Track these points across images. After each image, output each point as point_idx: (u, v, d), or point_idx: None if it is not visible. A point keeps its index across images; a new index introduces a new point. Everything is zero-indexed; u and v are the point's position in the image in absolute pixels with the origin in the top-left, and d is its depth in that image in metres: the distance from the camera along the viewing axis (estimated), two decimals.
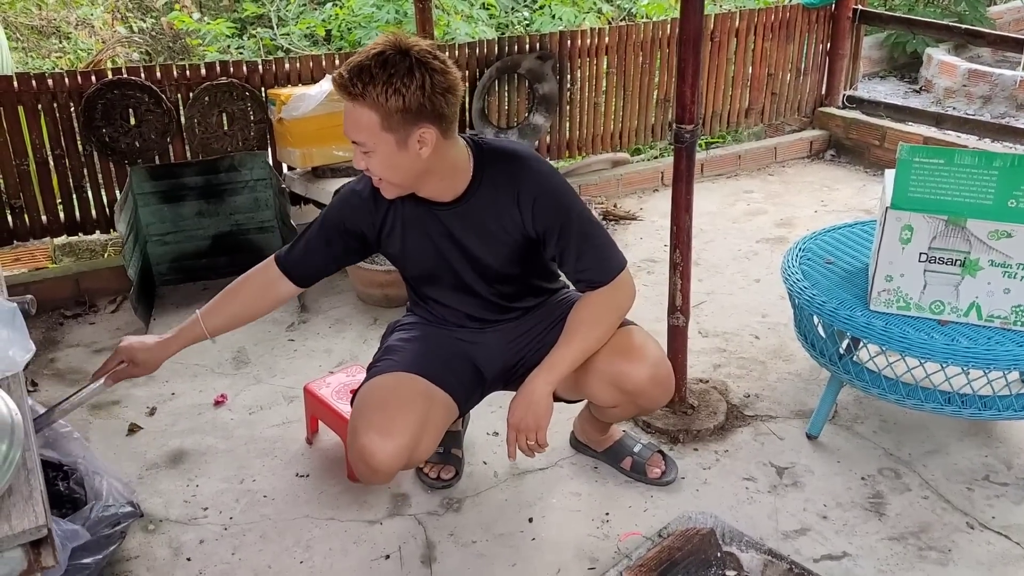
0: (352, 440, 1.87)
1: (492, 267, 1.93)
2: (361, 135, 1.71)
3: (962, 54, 6.30)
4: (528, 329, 2.05)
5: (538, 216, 1.85)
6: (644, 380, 1.94)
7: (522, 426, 1.87)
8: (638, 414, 2.13)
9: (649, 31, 4.40)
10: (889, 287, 2.16)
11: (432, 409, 1.91)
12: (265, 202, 3.46)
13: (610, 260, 1.89)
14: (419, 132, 1.70)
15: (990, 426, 2.48)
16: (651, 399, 2.00)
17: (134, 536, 2.12)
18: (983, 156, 2.05)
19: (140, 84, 3.33)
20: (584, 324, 1.89)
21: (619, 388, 1.95)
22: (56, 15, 6.99)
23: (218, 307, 1.95)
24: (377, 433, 1.82)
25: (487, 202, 1.85)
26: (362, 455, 1.83)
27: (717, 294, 3.36)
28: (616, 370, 1.93)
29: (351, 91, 1.67)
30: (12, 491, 1.26)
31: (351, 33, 6.24)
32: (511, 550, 2.07)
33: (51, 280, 3.30)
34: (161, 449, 2.47)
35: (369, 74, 1.65)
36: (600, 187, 4.34)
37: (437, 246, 1.91)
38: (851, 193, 4.40)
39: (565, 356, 1.88)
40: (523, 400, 1.88)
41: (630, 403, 2.00)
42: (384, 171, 1.76)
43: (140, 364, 1.89)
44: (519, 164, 1.85)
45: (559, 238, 1.86)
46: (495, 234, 1.88)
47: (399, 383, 1.92)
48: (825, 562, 2.01)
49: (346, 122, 1.73)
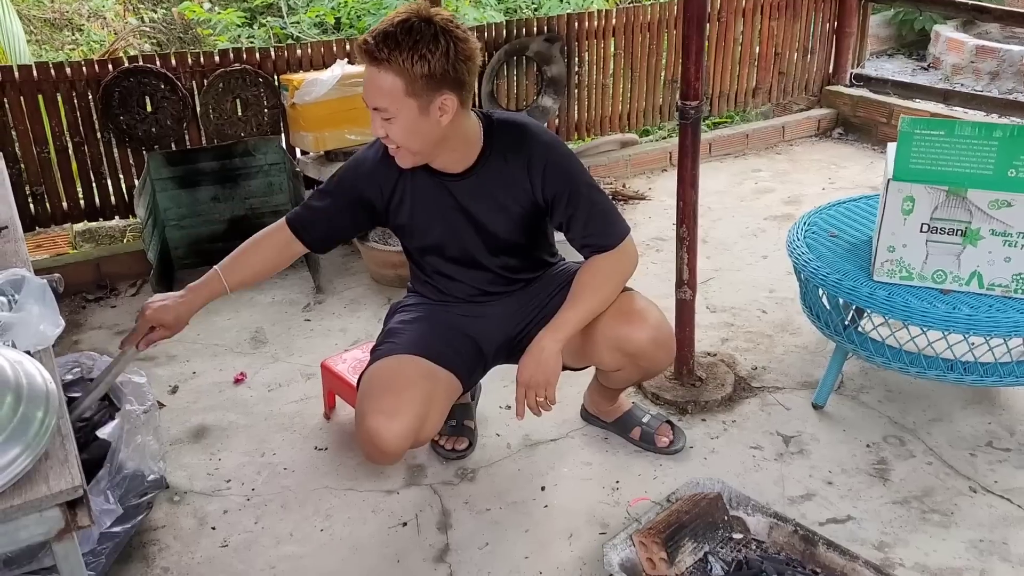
0: (359, 423, 1.91)
1: (499, 237, 1.99)
2: (384, 100, 1.74)
3: (970, 31, 6.29)
4: (529, 300, 2.11)
5: (548, 183, 1.90)
6: (646, 342, 2.00)
7: (532, 383, 1.91)
8: (642, 377, 2.17)
9: (656, 12, 4.43)
10: (892, 257, 2.21)
11: (435, 388, 1.96)
12: (279, 186, 3.53)
13: (615, 225, 1.95)
14: (441, 99, 1.75)
15: (993, 394, 2.53)
16: (653, 361, 2.05)
17: (160, 507, 2.20)
18: (983, 127, 2.09)
19: (156, 72, 3.40)
20: (590, 286, 1.94)
21: (622, 351, 2.01)
22: (68, 7, 7.06)
23: (237, 264, 2.00)
24: (383, 415, 1.86)
25: (497, 172, 1.91)
26: (370, 437, 1.87)
27: (725, 270, 3.41)
28: (618, 334, 1.99)
29: (377, 56, 1.70)
30: (48, 455, 1.33)
31: (360, 20, 6.29)
32: (524, 517, 2.14)
33: (73, 265, 3.38)
34: (184, 425, 2.55)
35: (395, 40, 1.69)
36: (609, 168, 4.38)
37: (445, 217, 1.96)
38: (859, 171, 4.43)
39: (572, 316, 1.92)
40: (532, 358, 1.92)
41: (633, 366, 2.05)
42: (404, 137, 1.80)
43: (169, 326, 1.94)
44: (528, 134, 1.91)
45: (567, 204, 1.92)
46: (504, 204, 1.94)
47: (401, 365, 1.96)
48: (830, 525, 2.07)
49: (368, 88, 1.76)
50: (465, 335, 2.09)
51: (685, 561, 1.90)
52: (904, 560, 1.96)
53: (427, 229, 2.00)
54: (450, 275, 2.08)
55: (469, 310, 2.11)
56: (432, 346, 2.02)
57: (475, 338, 2.10)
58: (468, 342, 2.09)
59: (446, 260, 2.06)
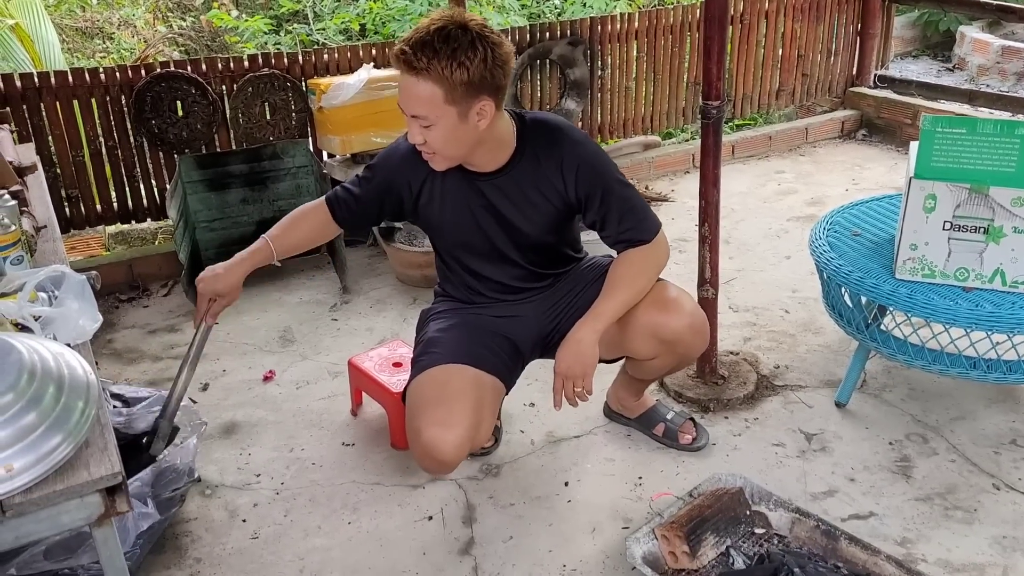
0: (415, 439, 1.90)
1: (530, 236, 2.01)
2: (422, 109, 1.75)
3: (996, 31, 6.24)
4: (561, 297, 2.13)
5: (580, 182, 1.93)
6: (683, 328, 2.02)
7: (570, 373, 1.92)
8: (676, 365, 2.17)
9: (679, 15, 4.45)
10: (914, 255, 2.22)
11: (484, 394, 1.97)
12: (307, 188, 3.59)
13: (649, 220, 1.98)
14: (479, 105, 1.78)
15: (1017, 392, 2.52)
16: (689, 346, 2.08)
17: (192, 500, 2.25)
18: (1005, 124, 2.09)
19: (187, 77, 3.47)
20: (626, 277, 1.97)
21: (659, 338, 2.03)
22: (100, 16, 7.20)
23: (283, 235, 2.05)
24: (439, 427, 1.86)
25: (530, 171, 1.93)
26: (428, 451, 1.86)
27: (748, 271, 3.42)
28: (655, 321, 2.02)
29: (415, 65, 1.71)
30: (89, 443, 1.38)
31: (385, 27, 6.36)
32: (548, 511, 2.17)
33: (106, 266, 3.45)
34: (215, 421, 2.60)
35: (433, 48, 1.70)
36: (632, 170, 4.40)
37: (475, 215, 1.99)
38: (882, 172, 4.42)
39: (608, 307, 1.94)
40: (571, 348, 1.93)
41: (669, 353, 2.07)
42: (443, 144, 1.82)
43: (224, 293, 1.99)
44: (561, 134, 1.94)
45: (601, 203, 1.94)
46: (536, 203, 1.96)
47: (448, 375, 1.96)
48: (852, 521, 2.08)
49: (406, 97, 1.76)
50: (502, 336, 2.11)
51: (707, 555, 1.92)
52: (927, 556, 1.97)
53: (456, 227, 2.02)
54: (479, 272, 2.10)
55: (502, 310, 2.13)
56: (474, 352, 2.02)
57: (511, 338, 2.12)
58: (506, 343, 2.11)
59: (475, 257, 2.08)
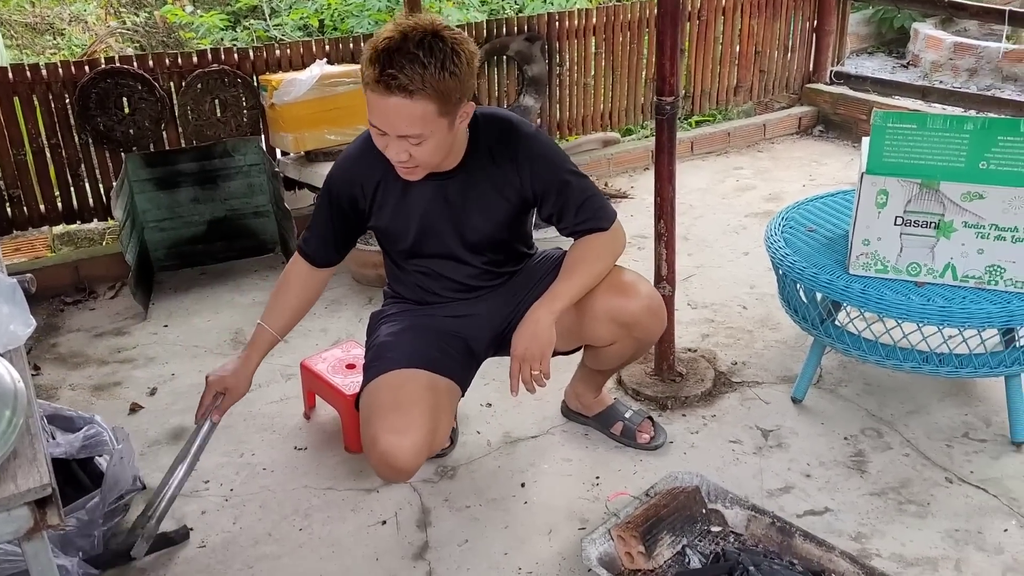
0: (371, 446, 1.85)
1: (485, 233, 1.98)
2: (415, 128, 1.68)
3: (949, 28, 6.34)
4: (513, 293, 2.10)
5: (536, 176, 1.91)
6: (641, 310, 2.01)
7: (527, 355, 1.89)
8: (635, 351, 2.14)
9: (637, 11, 4.44)
10: (867, 251, 2.22)
11: (439, 398, 1.93)
12: (259, 187, 3.52)
13: (605, 208, 1.98)
14: (464, 109, 1.75)
15: (970, 386, 2.55)
16: (647, 329, 2.06)
17: (137, 508, 2.17)
18: (954, 120, 2.10)
19: (133, 73, 3.38)
20: (584, 261, 1.95)
21: (617, 322, 2.01)
22: (50, 12, 7.03)
23: (276, 310, 1.99)
24: (394, 434, 1.82)
25: (484, 168, 1.90)
26: (384, 459, 1.82)
27: (706, 267, 3.42)
28: (614, 304, 2.00)
29: (408, 87, 1.62)
30: (17, 454, 1.32)
31: (344, 23, 6.28)
32: (504, 513, 2.14)
33: (51, 268, 3.36)
34: (162, 427, 2.53)
35: (422, 63, 1.62)
36: (591, 167, 4.38)
37: (431, 216, 1.94)
38: (839, 167, 4.46)
39: (566, 288, 1.92)
40: (527, 329, 1.89)
41: (627, 337, 2.05)
42: (430, 156, 1.75)
43: (233, 387, 1.92)
44: (513, 128, 1.91)
45: (557, 195, 1.93)
46: (491, 200, 1.93)
47: (402, 380, 1.92)
48: (808, 517, 2.08)
49: (393, 119, 1.67)
50: (456, 337, 2.07)
51: (663, 554, 1.90)
52: (881, 550, 1.97)
53: (412, 229, 1.96)
54: (435, 271, 2.05)
55: (455, 310, 2.09)
56: (428, 355, 1.98)
57: (465, 338, 2.09)
58: (460, 344, 2.07)
59: (430, 257, 2.03)
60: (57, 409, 2.22)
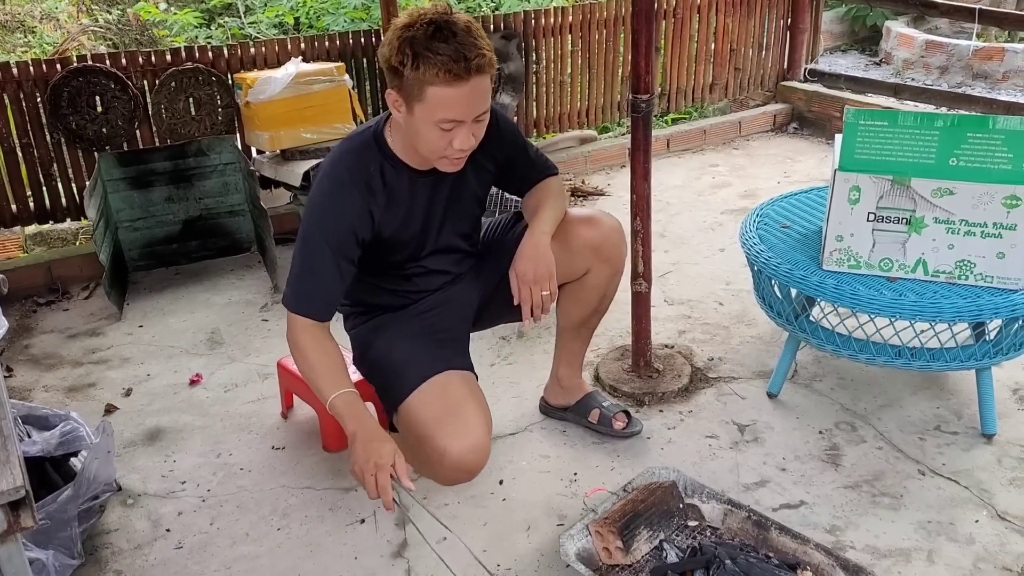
0: (441, 459, 1.80)
1: (474, 214, 2.07)
2: (488, 101, 1.75)
3: (920, 26, 6.41)
4: (479, 268, 2.16)
5: (504, 145, 2.03)
6: (609, 230, 2.18)
7: (536, 276, 1.93)
8: (608, 280, 2.22)
9: (612, 9, 4.46)
10: (840, 247, 2.24)
11: (475, 390, 1.94)
12: (235, 186, 3.50)
13: (548, 159, 2.18)
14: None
15: (942, 379, 2.58)
16: (614, 247, 2.19)
17: (113, 510, 2.17)
18: (925, 117, 2.13)
19: (105, 71, 3.35)
20: (551, 197, 2.10)
21: (590, 246, 2.15)
22: (20, 9, 6.93)
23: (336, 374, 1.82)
24: (460, 439, 1.80)
25: None
26: (460, 466, 1.81)
27: (683, 264, 3.44)
28: (587, 235, 2.15)
29: (483, 65, 1.67)
30: None
31: (320, 20, 6.25)
32: (482, 510, 2.14)
33: (23, 268, 3.32)
34: (138, 428, 2.51)
35: (476, 40, 1.67)
36: (568, 164, 4.40)
37: (432, 212, 1.96)
38: (813, 164, 4.50)
39: (547, 217, 2.03)
40: (528, 254, 1.95)
41: (598, 260, 2.18)
42: (482, 131, 1.81)
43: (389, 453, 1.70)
44: None
45: (522, 157, 2.09)
46: (472, 184, 2.00)
47: (439, 388, 1.89)
48: (783, 511, 2.10)
49: (476, 101, 1.71)
50: (447, 329, 2.08)
51: (641, 549, 1.91)
52: (855, 543, 1.99)
53: (413, 234, 1.96)
54: (429, 269, 2.06)
55: (435, 301, 2.09)
56: (442, 356, 1.96)
57: (451, 327, 2.10)
58: (450, 333, 2.08)
59: (428, 256, 2.03)
60: (31, 408, 2.20)
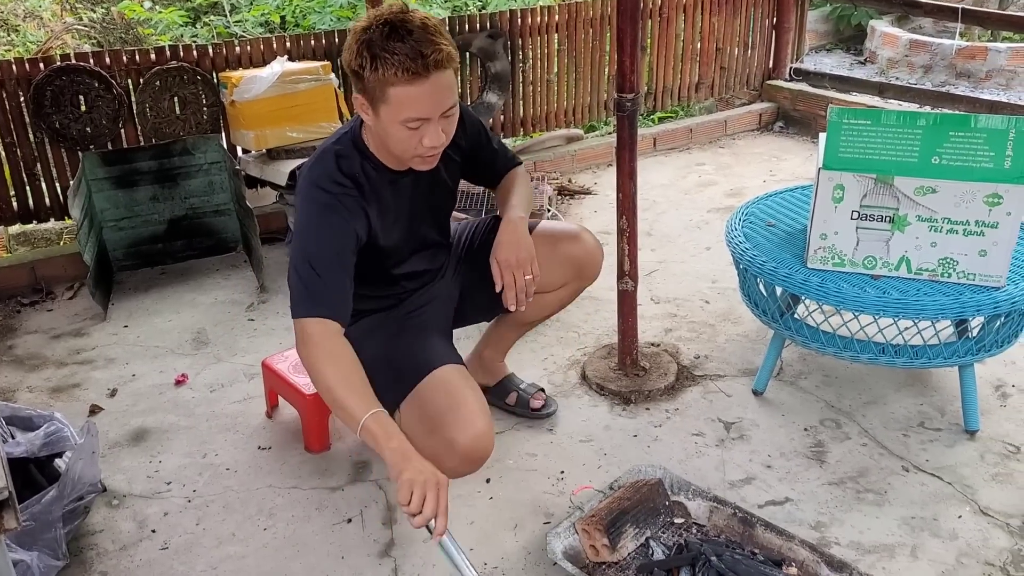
0: (450, 450, 1.78)
1: (444, 209, 2.09)
2: (453, 95, 1.75)
3: (905, 26, 6.46)
4: (461, 267, 2.20)
5: (468, 139, 2.06)
6: (592, 247, 2.26)
7: (519, 261, 1.95)
8: (571, 296, 2.31)
9: (599, 8, 4.46)
10: (824, 245, 2.26)
11: (471, 381, 1.94)
12: (220, 185, 3.48)
13: (509, 150, 2.23)
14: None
15: (925, 376, 2.60)
16: (595, 264, 2.28)
17: (98, 511, 2.16)
18: (908, 115, 2.14)
19: (89, 70, 3.33)
20: (520, 185, 2.16)
21: (572, 262, 2.23)
22: (3, 8, 6.88)
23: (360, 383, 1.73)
24: (466, 428, 1.80)
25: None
26: (471, 454, 1.80)
27: (669, 262, 3.45)
28: (571, 250, 2.23)
29: (443, 60, 1.68)
30: None
31: (306, 19, 6.23)
32: (469, 509, 2.14)
33: (6, 268, 3.30)
34: (123, 428, 2.50)
35: (437, 34, 1.68)
36: (555, 163, 4.40)
37: (416, 213, 1.97)
38: (798, 163, 4.52)
39: (518, 203, 2.07)
40: (508, 239, 1.97)
41: (576, 276, 2.26)
42: (452, 127, 1.81)
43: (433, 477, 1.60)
44: None
45: (486, 145, 2.12)
46: (444, 179, 2.02)
47: (438, 382, 1.89)
48: (769, 507, 2.11)
49: (439, 96, 1.70)
50: (435, 326, 2.09)
51: (627, 547, 1.92)
52: (840, 539, 2.01)
53: (400, 238, 1.96)
54: (414, 271, 2.07)
55: (417, 300, 2.10)
56: (436, 352, 1.96)
57: (440, 324, 2.12)
58: (435, 331, 2.08)
59: (410, 259, 2.04)
60: (15, 409, 2.19)
